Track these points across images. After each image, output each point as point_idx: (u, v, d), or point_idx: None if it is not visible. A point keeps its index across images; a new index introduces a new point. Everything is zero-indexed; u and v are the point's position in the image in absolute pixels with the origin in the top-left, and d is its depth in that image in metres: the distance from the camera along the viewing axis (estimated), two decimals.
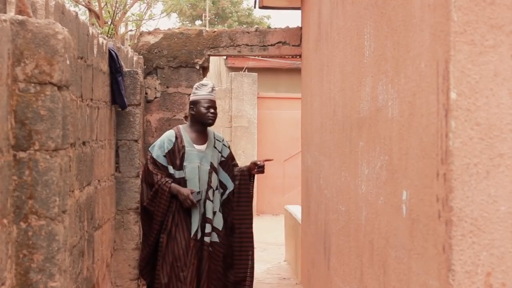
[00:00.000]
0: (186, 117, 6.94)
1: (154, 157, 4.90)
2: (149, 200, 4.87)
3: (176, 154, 4.90)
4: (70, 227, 3.27)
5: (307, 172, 5.99)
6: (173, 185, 4.83)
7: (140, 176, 5.30)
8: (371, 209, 3.17)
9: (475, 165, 2.07)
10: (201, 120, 4.95)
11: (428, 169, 2.28)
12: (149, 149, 5.01)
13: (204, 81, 5.11)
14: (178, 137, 4.94)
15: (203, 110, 4.93)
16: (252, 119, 14.32)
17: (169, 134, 4.99)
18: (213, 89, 4.98)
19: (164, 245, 4.81)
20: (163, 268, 4.80)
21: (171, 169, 4.89)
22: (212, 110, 4.92)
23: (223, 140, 5.14)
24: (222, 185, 5.04)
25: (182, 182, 4.87)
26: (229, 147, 5.17)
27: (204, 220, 4.89)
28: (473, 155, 2.08)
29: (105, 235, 5.26)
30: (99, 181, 4.96)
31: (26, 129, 2.64)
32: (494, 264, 2.07)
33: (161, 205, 4.83)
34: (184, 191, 4.80)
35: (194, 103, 4.98)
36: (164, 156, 4.89)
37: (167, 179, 4.84)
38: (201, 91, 4.97)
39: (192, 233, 4.82)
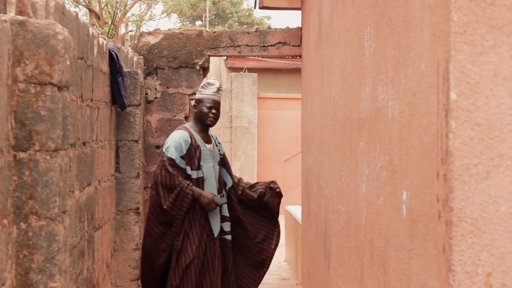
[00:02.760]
0: (186, 118, 6.94)
1: (173, 158, 4.77)
2: (170, 204, 4.73)
3: (193, 155, 4.83)
4: (70, 227, 3.28)
5: (307, 172, 5.99)
6: (195, 188, 4.77)
7: (152, 178, 5.07)
8: (371, 209, 3.17)
9: (475, 165, 2.07)
10: (202, 119, 4.91)
11: (428, 169, 2.28)
12: (163, 151, 4.86)
13: (212, 80, 5.07)
14: (191, 137, 4.87)
15: (204, 109, 4.88)
16: (252, 120, 14.33)
17: (184, 135, 4.87)
18: (219, 90, 4.93)
19: (179, 246, 4.73)
20: (175, 270, 4.69)
21: (188, 170, 4.80)
22: (213, 111, 4.88)
23: (217, 138, 5.17)
24: (223, 182, 5.05)
25: (200, 181, 4.82)
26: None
27: (222, 219, 4.89)
28: (473, 156, 2.08)
29: (105, 236, 5.26)
30: (99, 181, 4.95)
31: (26, 129, 2.64)
32: (494, 264, 2.07)
33: (182, 209, 4.74)
34: (208, 194, 4.76)
35: (198, 102, 4.95)
36: (182, 157, 4.79)
37: (188, 182, 4.75)
38: (206, 90, 4.92)
39: (216, 234, 4.81)
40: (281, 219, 9.88)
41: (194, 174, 4.82)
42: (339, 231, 4.08)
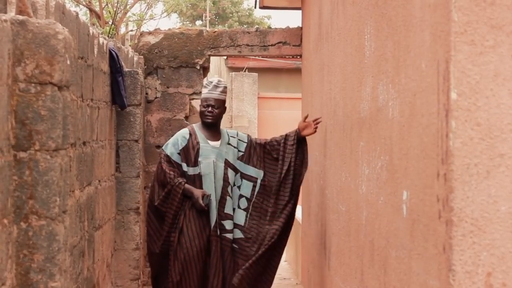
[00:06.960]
0: (186, 117, 6.94)
1: (168, 154, 4.83)
2: (160, 201, 4.80)
3: (190, 151, 4.85)
4: (71, 227, 3.28)
5: (307, 172, 5.99)
6: (187, 186, 4.76)
7: (153, 175, 5.16)
8: (372, 209, 3.18)
9: (475, 165, 2.07)
10: (201, 118, 4.95)
11: (428, 169, 2.28)
12: (162, 147, 4.95)
13: (213, 78, 5.09)
14: (192, 133, 4.91)
15: (201, 108, 4.94)
16: (253, 119, 14.33)
17: (183, 132, 4.97)
18: (216, 86, 4.92)
19: (175, 242, 4.75)
20: (175, 265, 4.73)
21: (185, 167, 4.82)
22: (209, 109, 4.87)
23: (237, 135, 5.03)
24: (251, 178, 4.93)
25: (197, 178, 4.81)
26: (248, 139, 5.02)
27: (222, 216, 4.82)
28: (473, 155, 2.08)
29: (106, 235, 5.26)
30: (99, 181, 4.96)
31: (27, 129, 2.64)
32: (494, 264, 2.07)
33: (173, 207, 4.76)
34: (195, 194, 4.73)
35: (200, 102, 5.02)
36: (178, 153, 4.84)
37: (181, 180, 4.76)
38: (204, 89, 4.99)
39: (212, 225, 4.76)
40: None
41: (190, 171, 4.82)
42: (339, 231, 4.08)
